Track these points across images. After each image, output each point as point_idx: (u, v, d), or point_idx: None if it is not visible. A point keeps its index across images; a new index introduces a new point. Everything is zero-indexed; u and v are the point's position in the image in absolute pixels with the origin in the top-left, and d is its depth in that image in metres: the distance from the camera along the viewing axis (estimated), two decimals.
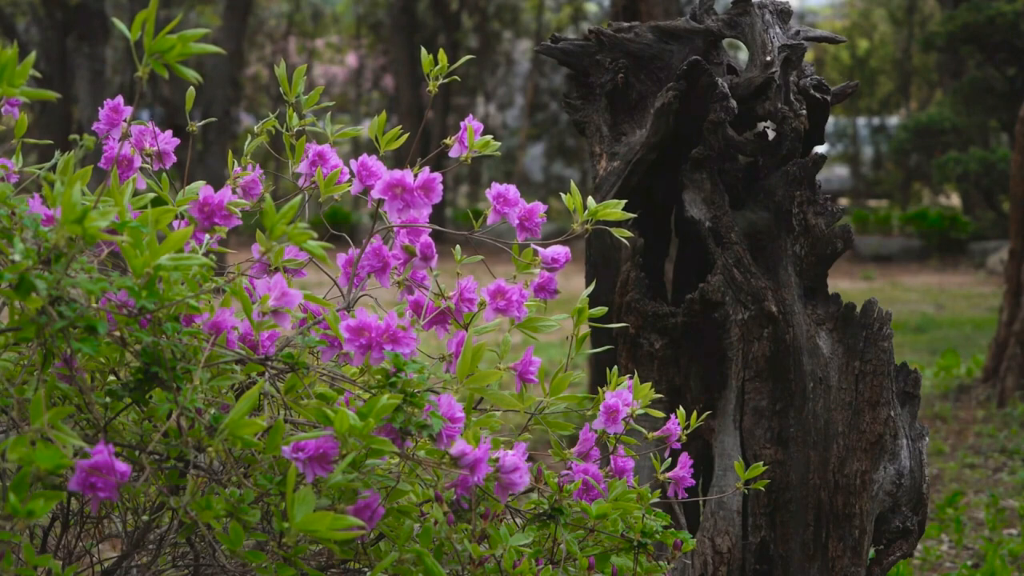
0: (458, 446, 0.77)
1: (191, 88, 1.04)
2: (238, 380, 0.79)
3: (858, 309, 1.49)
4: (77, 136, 1.03)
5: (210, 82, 7.72)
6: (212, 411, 0.72)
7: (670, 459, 1.08)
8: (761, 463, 1.12)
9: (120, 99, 1.05)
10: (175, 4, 9.88)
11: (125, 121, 1.03)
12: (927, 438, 1.51)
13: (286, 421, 0.79)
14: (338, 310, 0.86)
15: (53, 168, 0.99)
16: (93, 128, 1.04)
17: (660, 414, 1.05)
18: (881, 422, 1.46)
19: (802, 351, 1.47)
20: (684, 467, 1.07)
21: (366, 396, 0.78)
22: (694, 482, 1.09)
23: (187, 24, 9.67)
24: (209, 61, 7.65)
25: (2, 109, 1.03)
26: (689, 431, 1.08)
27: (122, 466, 0.66)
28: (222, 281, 0.84)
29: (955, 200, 12.35)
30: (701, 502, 1.46)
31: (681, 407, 1.11)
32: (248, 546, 0.72)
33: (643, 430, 1.05)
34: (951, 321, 6.06)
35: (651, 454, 1.10)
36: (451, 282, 1.01)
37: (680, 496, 1.07)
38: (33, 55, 0.80)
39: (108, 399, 0.77)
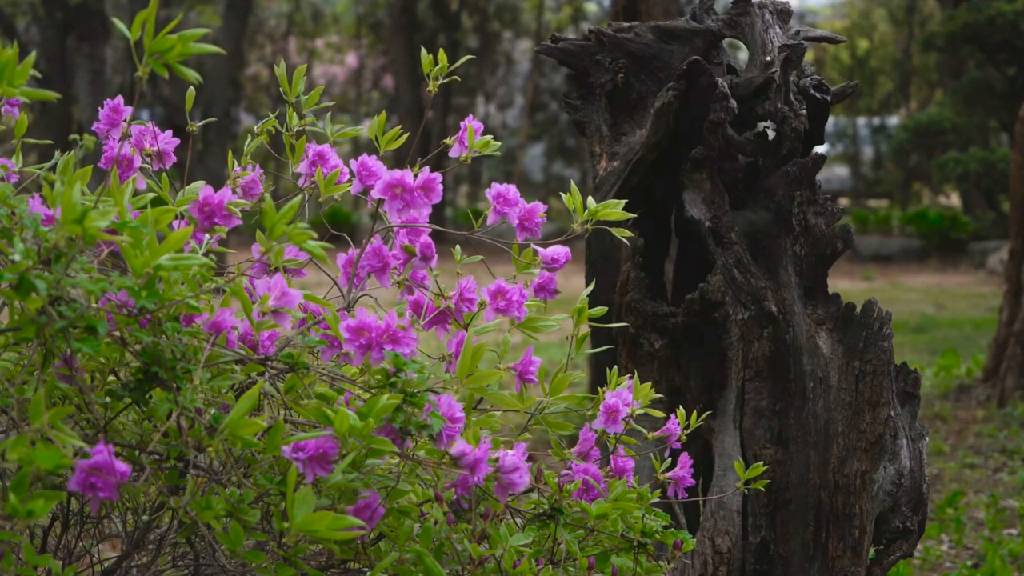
0: (458, 446, 0.77)
1: (191, 88, 1.04)
2: (238, 380, 0.79)
3: (858, 309, 1.49)
4: (77, 136, 1.03)
5: (210, 82, 7.72)
6: (212, 411, 0.72)
7: (670, 459, 1.07)
8: (761, 463, 1.12)
9: (120, 99, 1.05)
10: (175, 4, 9.87)
11: (125, 121, 1.03)
12: (927, 438, 1.50)
13: (286, 421, 0.79)
14: (338, 310, 0.86)
15: (53, 168, 0.99)
16: (93, 128, 1.04)
17: (660, 414, 1.04)
18: (881, 422, 1.46)
19: (802, 351, 1.46)
20: (684, 467, 1.07)
21: (366, 396, 0.78)
22: (694, 482, 1.09)
23: (187, 24, 9.67)
24: (209, 61, 7.65)
25: (2, 109, 1.03)
26: (689, 431, 1.07)
27: (122, 466, 0.66)
28: (222, 281, 0.84)
29: (955, 200, 12.35)
30: (701, 502, 1.46)
31: (681, 407, 1.10)
32: (248, 546, 0.72)
33: (643, 430, 1.05)
34: (951, 321, 6.06)
35: (651, 454, 1.10)
36: (451, 282, 1.01)
37: (680, 496, 1.07)
38: (33, 55, 0.80)
39: (108, 399, 0.77)
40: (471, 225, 1.03)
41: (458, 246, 1.03)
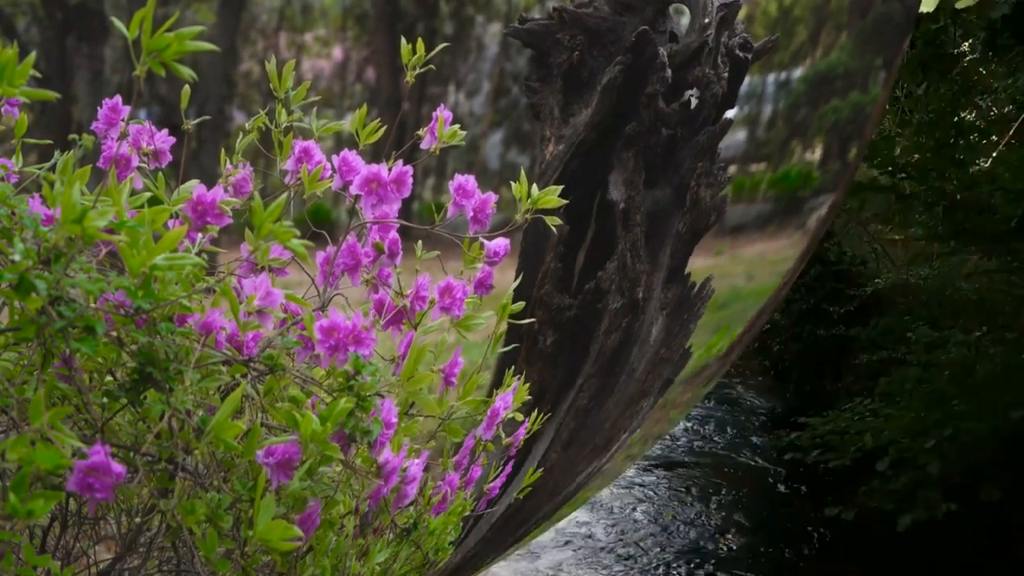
0: (384, 454, 0.68)
1: (186, 86, 0.90)
2: (224, 381, 0.71)
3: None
4: (76, 136, 0.89)
5: (205, 79, 7.04)
6: (200, 413, 0.64)
7: (500, 468, 0.92)
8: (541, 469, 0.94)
9: (119, 99, 0.90)
10: (172, 2, 8.90)
11: (123, 120, 0.89)
12: None
13: (264, 425, 0.71)
14: (314, 310, 0.77)
15: (53, 168, 0.85)
16: (92, 128, 0.90)
17: (522, 417, 0.87)
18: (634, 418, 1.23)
19: (637, 341, 1.24)
20: (502, 477, 0.91)
21: (328, 399, 0.70)
22: (496, 494, 0.91)
23: (182, 21, 8.73)
24: (204, 59, 6.95)
25: (2, 109, 0.87)
26: (529, 435, 0.90)
27: (118, 467, 0.58)
28: (213, 281, 0.74)
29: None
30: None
31: (537, 408, 0.95)
32: (220, 553, 0.65)
33: (502, 435, 0.88)
34: (755, 291, 5.48)
35: (493, 463, 0.93)
36: (413, 279, 0.91)
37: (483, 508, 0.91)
38: (33, 55, 0.66)
39: (105, 399, 0.68)
40: (434, 219, 0.92)
41: (420, 241, 0.93)
